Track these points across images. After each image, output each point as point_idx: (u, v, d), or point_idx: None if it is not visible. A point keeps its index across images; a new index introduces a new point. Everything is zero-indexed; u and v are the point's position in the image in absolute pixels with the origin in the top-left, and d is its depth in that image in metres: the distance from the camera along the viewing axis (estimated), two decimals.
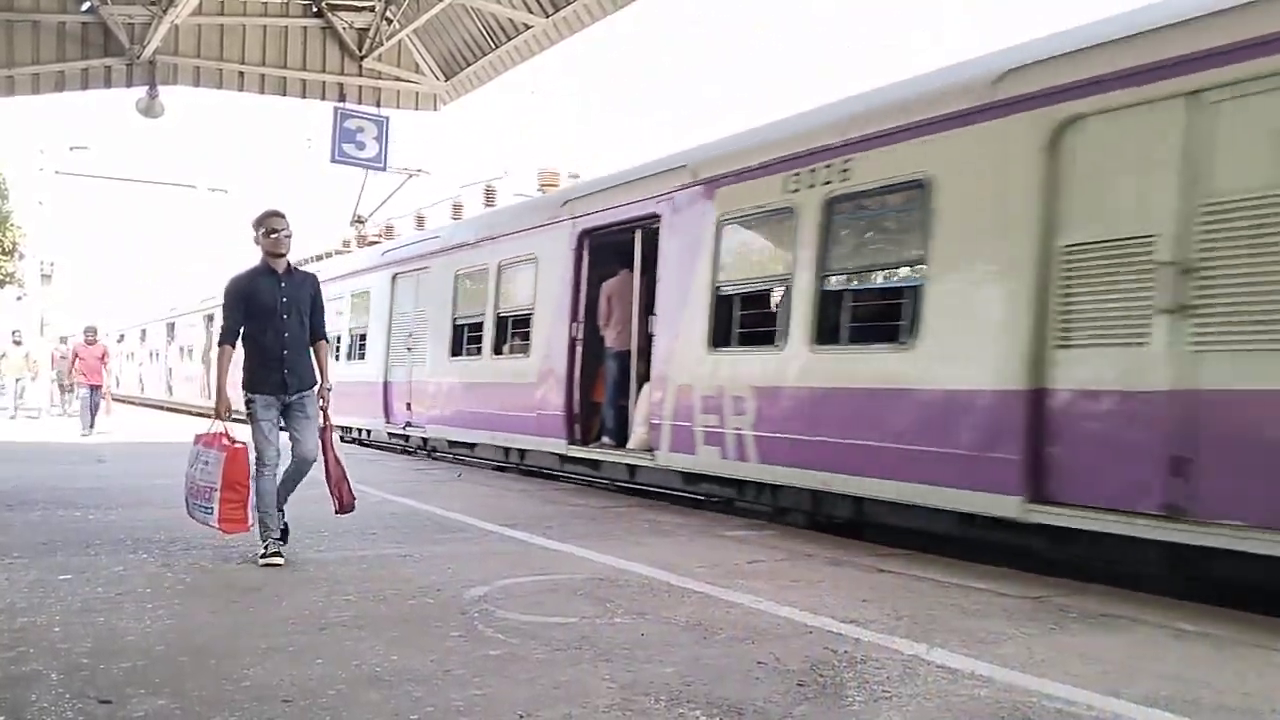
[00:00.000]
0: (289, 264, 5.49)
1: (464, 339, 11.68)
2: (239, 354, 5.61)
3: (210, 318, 27.61)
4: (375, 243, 18.68)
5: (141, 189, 39.44)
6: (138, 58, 11.93)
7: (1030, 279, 5.31)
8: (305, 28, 13.14)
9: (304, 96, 13.26)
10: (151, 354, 30.35)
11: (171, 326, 28.80)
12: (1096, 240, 5.10)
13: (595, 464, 9.70)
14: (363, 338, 14.75)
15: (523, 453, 10.81)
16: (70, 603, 4.17)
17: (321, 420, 5.52)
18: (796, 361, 6.80)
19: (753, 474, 7.23)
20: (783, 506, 7.43)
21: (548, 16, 11.52)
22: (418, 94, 13.77)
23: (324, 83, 13.24)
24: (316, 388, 5.54)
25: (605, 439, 9.32)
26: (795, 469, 6.80)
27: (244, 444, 5.24)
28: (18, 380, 21.29)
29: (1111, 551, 5.21)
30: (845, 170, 6.53)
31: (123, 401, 29.17)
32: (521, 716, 2.89)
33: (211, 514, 5.15)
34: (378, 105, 13.46)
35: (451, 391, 11.87)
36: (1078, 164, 5.22)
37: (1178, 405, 4.70)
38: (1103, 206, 5.10)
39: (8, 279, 32.22)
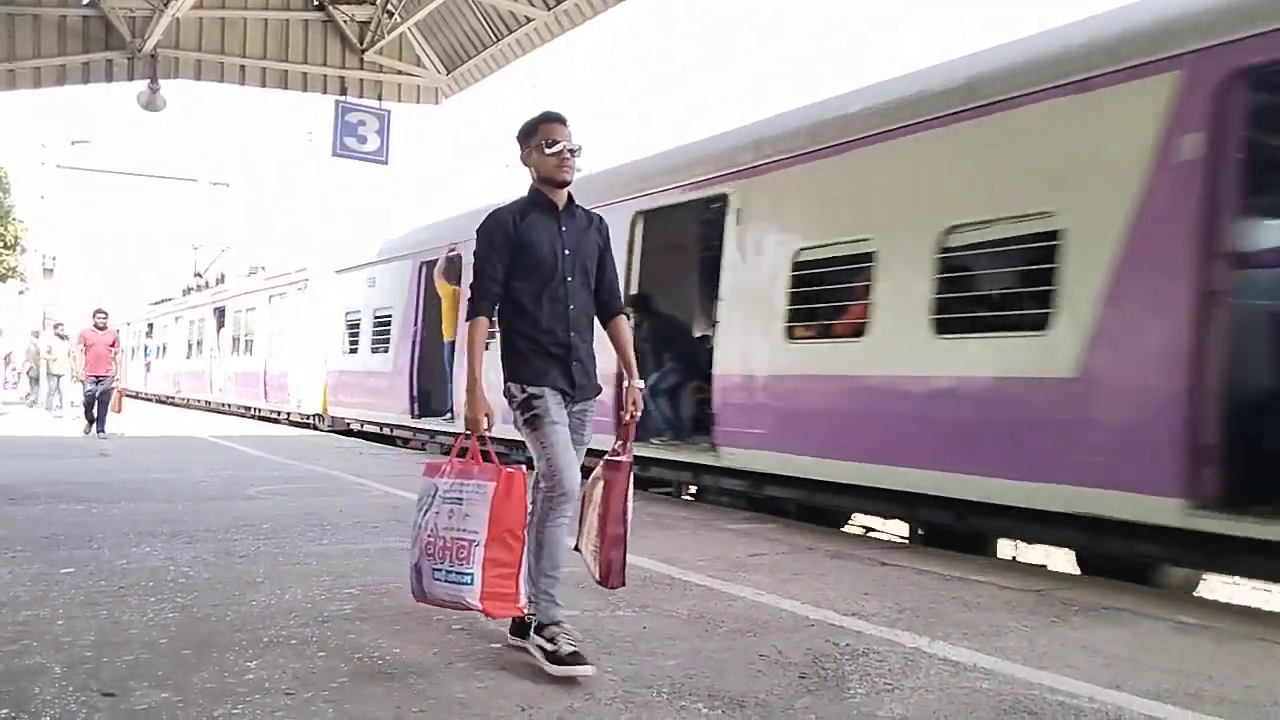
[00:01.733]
0: (571, 197, 3.59)
1: None
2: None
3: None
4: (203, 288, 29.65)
5: (143, 183, 39.56)
6: (139, 51, 11.90)
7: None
8: (306, 21, 13.10)
9: (305, 90, 13.22)
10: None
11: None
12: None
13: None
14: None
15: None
16: (73, 596, 4.18)
17: (621, 446, 3.63)
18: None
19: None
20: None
21: (549, 10, 11.50)
22: (419, 87, 13.74)
23: (325, 76, 13.20)
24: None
25: None
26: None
27: (519, 467, 3.30)
28: (60, 377, 19.16)
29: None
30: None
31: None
32: (523, 709, 2.90)
33: (470, 585, 3.15)
34: (379, 99, 13.43)
35: None
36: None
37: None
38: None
39: (9, 273, 32.21)
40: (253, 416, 20.74)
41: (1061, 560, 6.46)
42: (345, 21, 13.12)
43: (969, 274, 6.05)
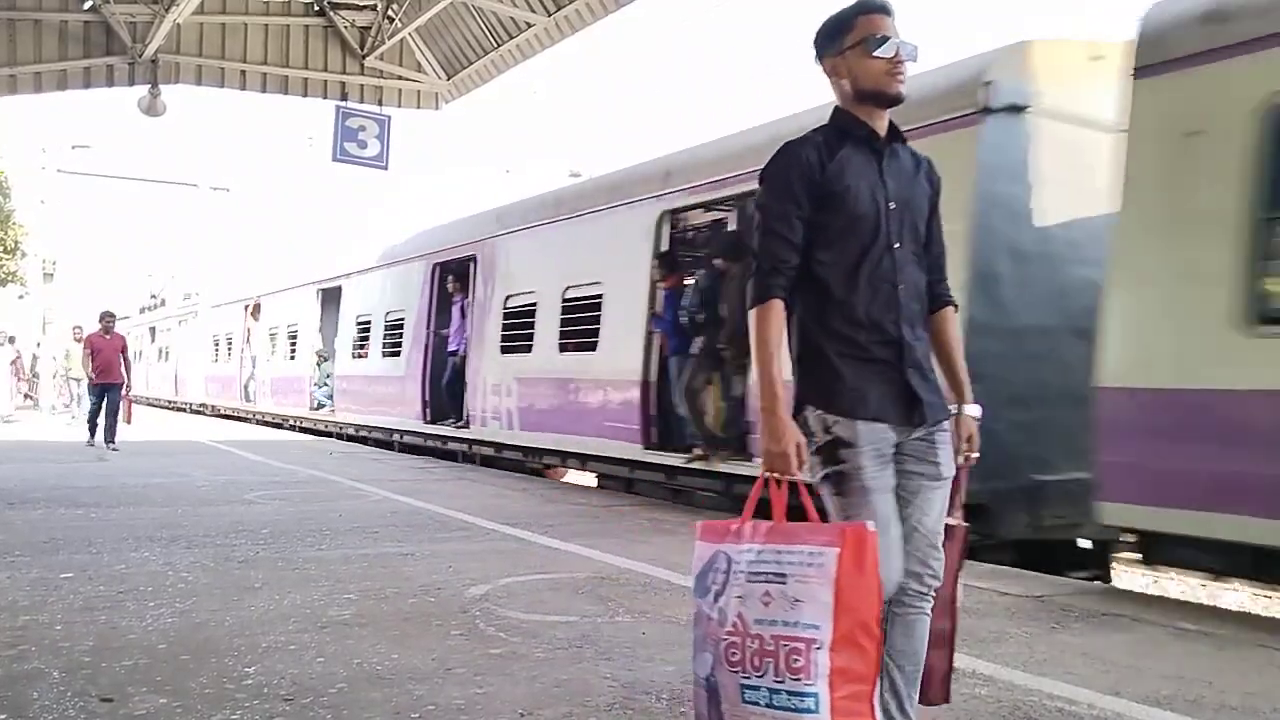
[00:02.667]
0: (894, 125, 2.42)
1: None
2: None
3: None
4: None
5: (143, 188, 39.55)
6: (140, 56, 11.90)
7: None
8: (307, 26, 13.11)
9: (305, 95, 13.22)
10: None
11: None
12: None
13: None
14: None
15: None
16: (72, 601, 4.18)
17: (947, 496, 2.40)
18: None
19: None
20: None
21: (549, 15, 11.50)
22: (419, 93, 13.74)
23: (325, 81, 13.21)
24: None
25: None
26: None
27: (864, 522, 2.17)
28: (78, 381, 17.81)
29: None
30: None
31: None
32: (522, 715, 2.89)
33: (816, 713, 2.03)
34: (379, 104, 13.43)
35: None
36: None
37: None
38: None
39: (10, 277, 32.25)
40: (169, 407, 28.23)
41: None
42: (346, 27, 13.14)
43: None
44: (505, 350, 11.09)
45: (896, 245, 2.34)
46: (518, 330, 10.90)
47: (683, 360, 8.13)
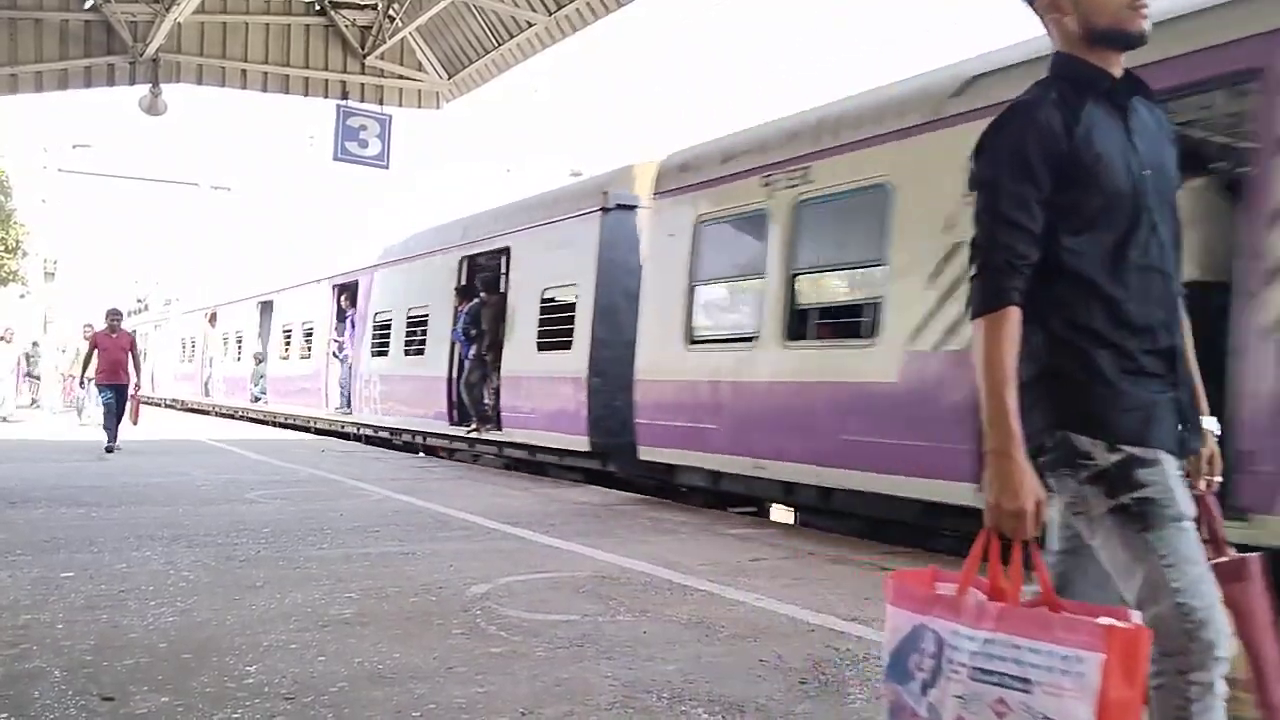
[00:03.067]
0: (1129, 72, 1.93)
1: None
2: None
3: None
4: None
5: (144, 187, 39.63)
6: (140, 56, 11.89)
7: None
8: (308, 26, 13.10)
9: (306, 94, 13.21)
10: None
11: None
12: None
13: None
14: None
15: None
16: (73, 600, 4.18)
17: (1217, 539, 1.99)
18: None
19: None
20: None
21: (550, 15, 11.50)
22: (420, 92, 13.74)
23: (326, 81, 13.21)
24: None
25: None
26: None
27: (1134, 616, 1.62)
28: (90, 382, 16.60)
29: None
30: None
31: None
32: (523, 714, 2.90)
33: None
34: (380, 103, 13.42)
35: None
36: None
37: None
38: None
39: (11, 277, 32.28)
40: (146, 402, 31.97)
41: None
42: (347, 26, 13.13)
43: None
44: (374, 355, 14.64)
45: (1159, 225, 1.86)
46: (381, 339, 14.43)
47: (468, 362, 11.79)
